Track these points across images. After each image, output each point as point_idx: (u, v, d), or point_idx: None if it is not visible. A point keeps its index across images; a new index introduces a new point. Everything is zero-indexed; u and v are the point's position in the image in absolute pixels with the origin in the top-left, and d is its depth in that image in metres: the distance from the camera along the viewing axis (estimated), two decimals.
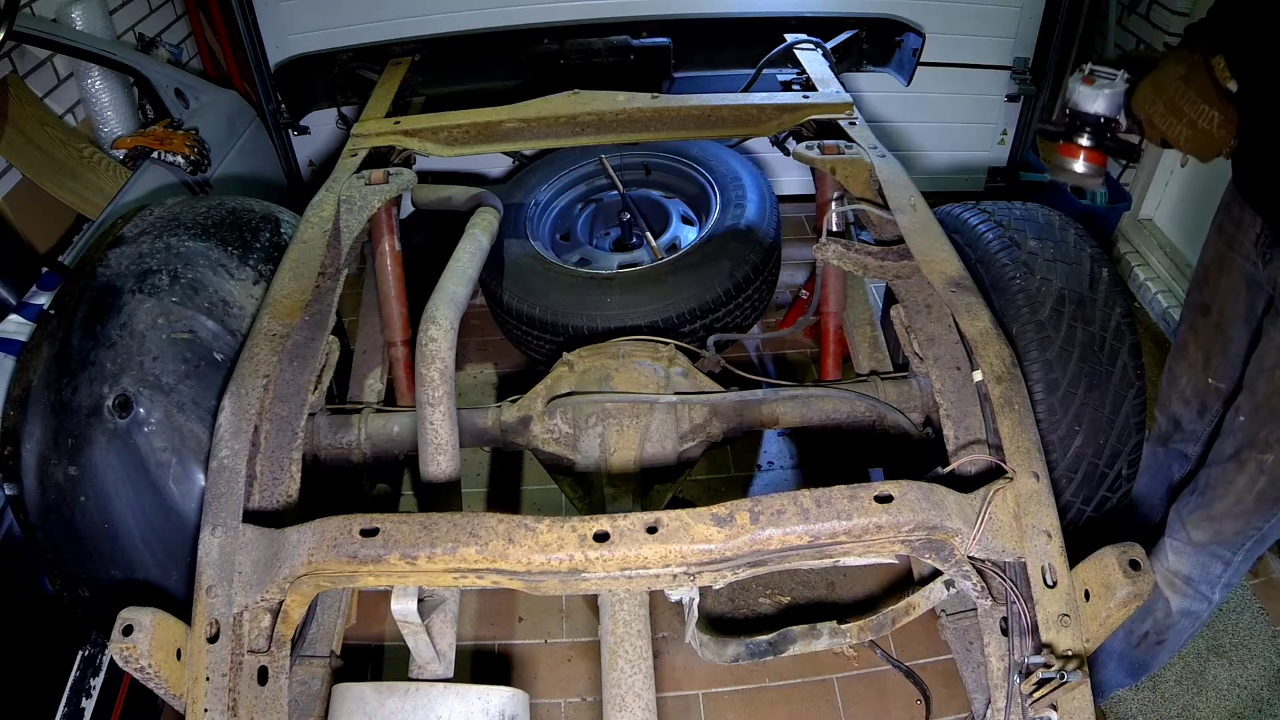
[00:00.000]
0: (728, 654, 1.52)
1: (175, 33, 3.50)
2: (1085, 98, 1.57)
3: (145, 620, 1.14)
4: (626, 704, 1.34)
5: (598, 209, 2.96)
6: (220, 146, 2.84)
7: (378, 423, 1.74)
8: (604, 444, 1.70)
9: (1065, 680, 1.14)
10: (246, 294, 1.64)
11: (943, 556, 1.29)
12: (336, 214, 1.83)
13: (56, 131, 2.61)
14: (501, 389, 2.91)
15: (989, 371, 1.44)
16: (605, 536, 1.22)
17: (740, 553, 1.22)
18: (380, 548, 1.21)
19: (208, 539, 1.28)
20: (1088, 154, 1.61)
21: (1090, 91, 1.56)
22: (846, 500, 1.23)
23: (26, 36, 2.47)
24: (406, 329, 2.02)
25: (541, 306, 2.41)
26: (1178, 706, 1.98)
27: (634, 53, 2.79)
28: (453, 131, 2.22)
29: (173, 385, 1.43)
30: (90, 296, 1.49)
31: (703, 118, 2.25)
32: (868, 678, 2.04)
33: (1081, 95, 1.57)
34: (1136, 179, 3.40)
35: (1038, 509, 1.28)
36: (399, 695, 1.35)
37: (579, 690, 2.04)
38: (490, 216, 2.09)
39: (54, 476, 1.37)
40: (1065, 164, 1.63)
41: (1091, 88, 1.56)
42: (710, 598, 2.17)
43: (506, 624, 2.18)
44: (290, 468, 1.42)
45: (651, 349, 1.84)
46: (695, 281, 2.38)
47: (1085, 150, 1.61)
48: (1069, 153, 1.62)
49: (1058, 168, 1.66)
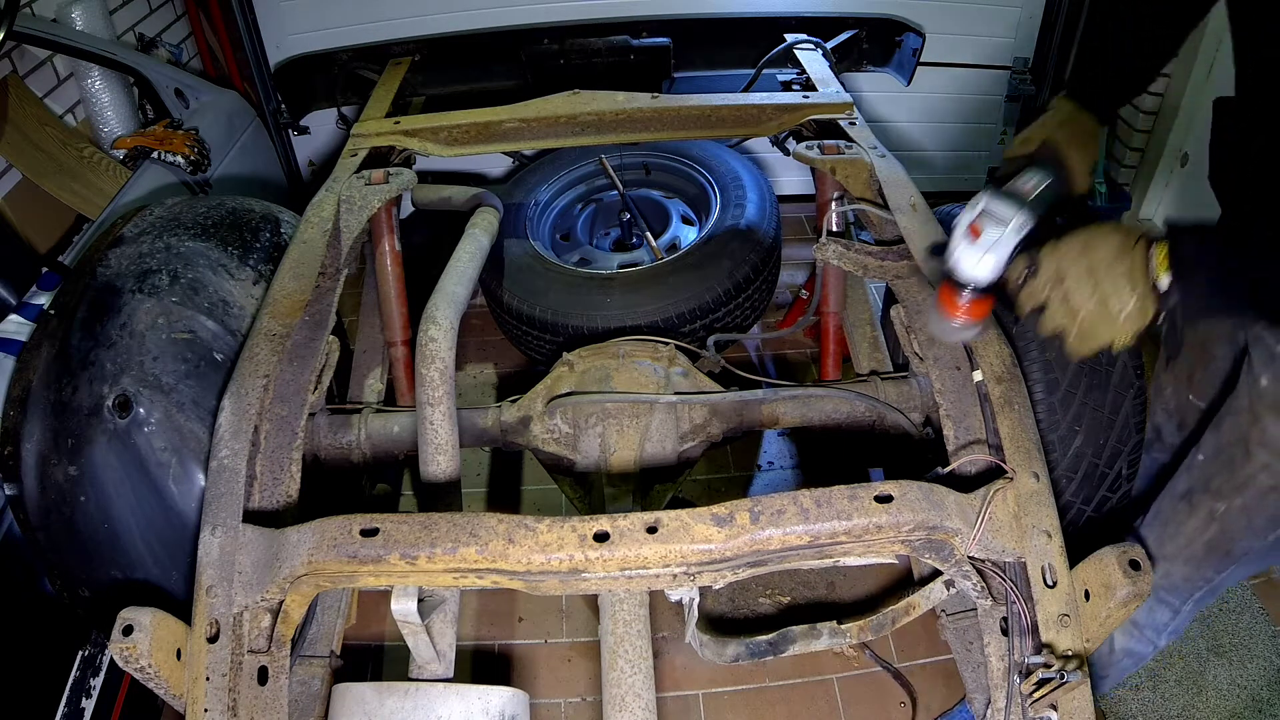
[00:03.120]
0: (728, 654, 1.52)
1: (175, 33, 3.50)
2: (967, 262, 1.19)
3: (145, 620, 1.14)
4: (626, 704, 1.34)
5: (598, 209, 2.96)
6: (220, 146, 2.84)
7: (378, 423, 1.74)
8: (604, 444, 1.70)
9: (1065, 680, 1.14)
10: (246, 294, 1.64)
11: (943, 556, 1.29)
12: (336, 214, 1.83)
13: (56, 131, 2.61)
14: (501, 389, 2.91)
15: (989, 371, 1.44)
16: (605, 536, 1.22)
17: (740, 553, 1.22)
18: (380, 548, 1.21)
19: (208, 539, 1.28)
20: (969, 309, 1.24)
21: (972, 253, 1.18)
22: (846, 500, 1.23)
23: (26, 36, 2.46)
24: (406, 329, 2.02)
25: (541, 306, 2.41)
26: (1178, 706, 1.98)
27: (634, 53, 2.79)
28: (453, 131, 2.22)
29: (173, 385, 1.43)
30: (90, 296, 1.49)
31: (703, 118, 2.25)
32: (868, 678, 2.04)
33: (962, 259, 1.19)
34: (1136, 179, 3.40)
35: (1038, 509, 1.28)
36: (399, 695, 1.35)
37: (579, 690, 2.04)
38: (490, 216, 2.09)
39: (54, 476, 1.37)
40: (940, 318, 1.27)
41: (975, 245, 1.17)
42: (710, 598, 2.17)
43: (506, 624, 2.18)
44: (290, 468, 1.42)
45: (651, 349, 1.84)
46: (695, 281, 2.38)
47: (965, 307, 1.24)
48: (947, 306, 1.25)
49: (934, 320, 1.30)
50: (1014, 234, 1.16)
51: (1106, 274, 1.09)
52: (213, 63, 3.71)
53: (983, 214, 1.17)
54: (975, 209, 1.18)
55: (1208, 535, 1.42)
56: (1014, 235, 1.16)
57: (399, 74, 2.75)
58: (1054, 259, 1.13)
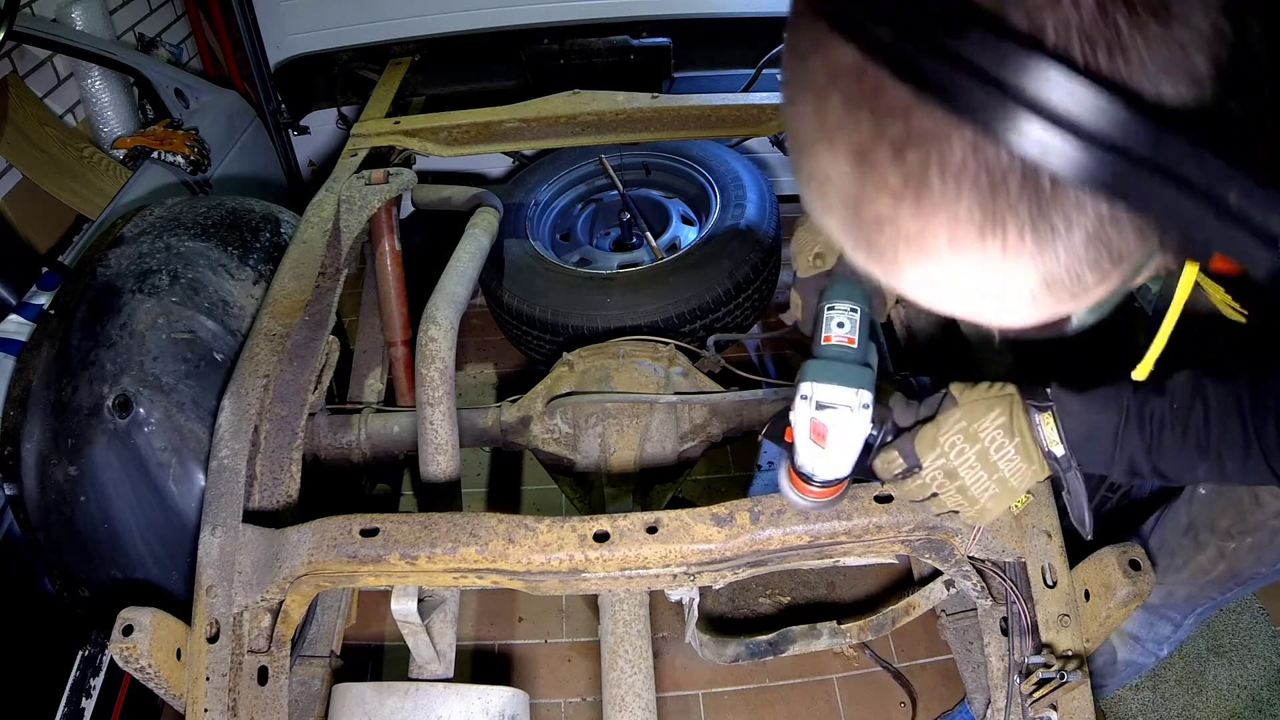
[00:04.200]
0: (728, 654, 1.52)
1: (175, 33, 3.50)
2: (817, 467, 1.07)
3: (145, 620, 1.14)
4: (626, 704, 1.34)
5: (598, 209, 2.96)
6: (220, 146, 2.84)
7: (378, 423, 1.74)
8: (604, 444, 1.70)
9: (1065, 680, 1.14)
10: (246, 294, 1.64)
11: (943, 556, 1.29)
12: (336, 214, 1.83)
13: (56, 131, 2.61)
14: (501, 389, 2.91)
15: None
16: (605, 536, 1.22)
17: (740, 553, 1.22)
18: (380, 548, 1.21)
19: (208, 539, 1.28)
20: (823, 492, 1.12)
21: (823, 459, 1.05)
22: (846, 500, 1.23)
23: (26, 36, 2.47)
24: (406, 329, 2.02)
25: (541, 306, 2.41)
26: (1178, 706, 1.98)
27: (634, 53, 2.79)
28: (453, 131, 2.22)
29: (173, 385, 1.43)
30: (90, 296, 1.49)
31: (703, 118, 2.25)
32: (868, 678, 2.04)
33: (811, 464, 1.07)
34: None
35: (1038, 509, 1.28)
36: (399, 695, 1.35)
37: (579, 690, 2.04)
38: (490, 216, 2.09)
39: (54, 476, 1.37)
40: (794, 495, 1.15)
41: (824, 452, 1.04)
42: (710, 598, 2.17)
43: (506, 624, 2.18)
44: (290, 468, 1.42)
45: (651, 349, 1.84)
46: (695, 281, 2.38)
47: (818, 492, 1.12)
48: (798, 487, 1.13)
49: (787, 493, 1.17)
50: (861, 430, 1.02)
51: (1000, 456, 1.02)
52: (213, 63, 3.71)
53: (821, 409, 1.00)
54: (809, 401, 1.01)
55: (1217, 570, 1.41)
56: (862, 430, 1.02)
57: (399, 74, 2.74)
58: (936, 454, 1.04)
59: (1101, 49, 0.39)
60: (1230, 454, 0.92)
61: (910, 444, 1.07)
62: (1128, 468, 0.99)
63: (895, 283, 0.51)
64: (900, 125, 0.43)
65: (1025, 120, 0.39)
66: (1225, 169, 0.40)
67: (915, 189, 0.44)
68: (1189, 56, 0.40)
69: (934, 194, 0.44)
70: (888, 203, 0.45)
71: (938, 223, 0.44)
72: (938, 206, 0.44)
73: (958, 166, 0.42)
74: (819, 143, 0.47)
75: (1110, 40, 0.39)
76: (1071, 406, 1.01)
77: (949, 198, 0.43)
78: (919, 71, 0.41)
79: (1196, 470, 0.96)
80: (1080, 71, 0.39)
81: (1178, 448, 0.95)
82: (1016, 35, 0.39)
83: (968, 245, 0.45)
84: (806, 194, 0.51)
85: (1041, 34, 0.39)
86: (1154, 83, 0.40)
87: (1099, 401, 1.00)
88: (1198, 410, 0.93)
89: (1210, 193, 0.40)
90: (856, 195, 0.47)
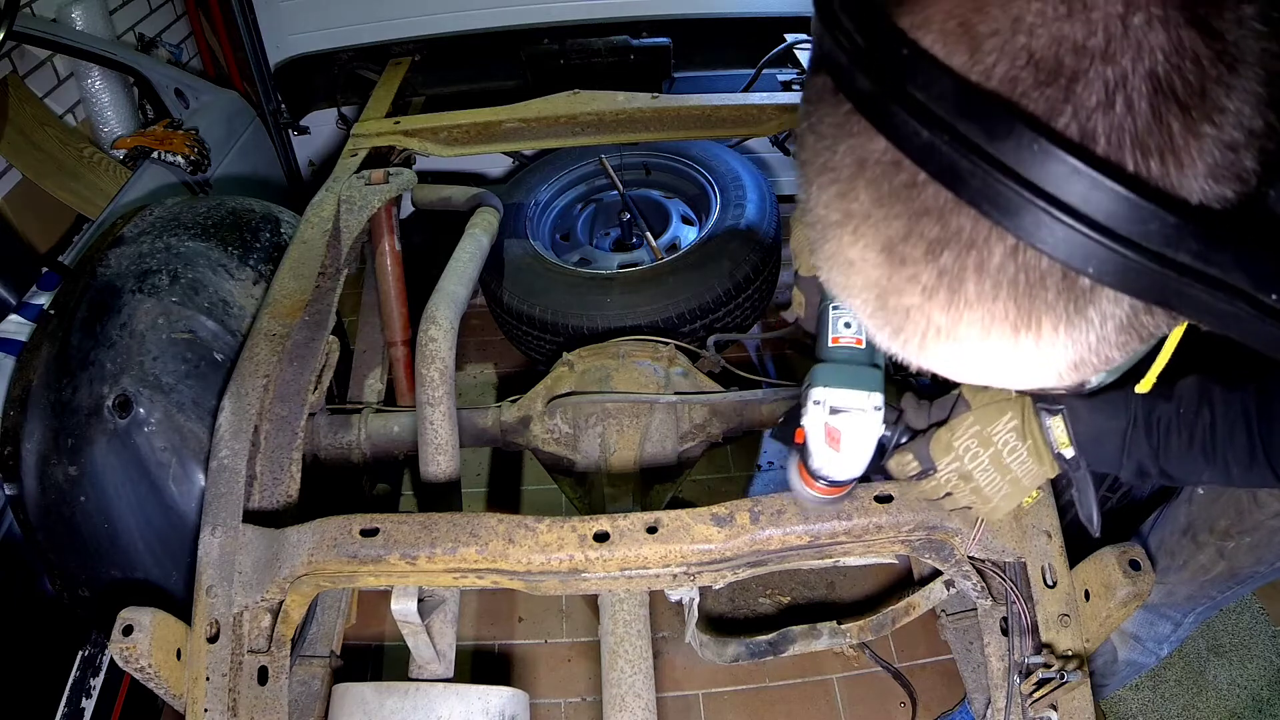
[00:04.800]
0: (728, 654, 1.52)
1: (175, 33, 3.50)
2: (831, 469, 1.08)
3: (145, 620, 1.14)
4: (626, 704, 1.34)
5: (598, 209, 2.96)
6: (220, 146, 2.84)
7: (378, 423, 1.74)
8: (604, 444, 1.70)
9: (1065, 680, 1.14)
10: (246, 294, 1.64)
11: (943, 556, 1.29)
12: (336, 214, 1.83)
13: (56, 131, 2.61)
14: (501, 389, 2.91)
15: None
16: (605, 536, 1.22)
17: (740, 553, 1.22)
18: (380, 548, 1.21)
19: (208, 539, 1.28)
20: (832, 489, 1.14)
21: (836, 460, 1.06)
22: (846, 500, 1.23)
23: (26, 36, 2.47)
24: (406, 329, 2.02)
25: (541, 306, 2.41)
26: (1178, 706, 1.98)
27: (634, 53, 2.79)
28: (453, 131, 2.22)
29: (173, 385, 1.43)
30: (90, 296, 1.49)
31: (703, 118, 2.25)
32: (868, 678, 2.04)
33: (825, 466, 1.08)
34: None
35: (1038, 509, 1.28)
36: (399, 695, 1.35)
37: (579, 690, 2.04)
38: (490, 216, 2.09)
39: (54, 476, 1.37)
40: (803, 491, 1.16)
41: (838, 454, 1.05)
42: (710, 598, 2.17)
43: (506, 624, 2.18)
44: (290, 468, 1.42)
45: (651, 349, 1.84)
46: (695, 281, 2.38)
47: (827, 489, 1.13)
48: (808, 484, 1.14)
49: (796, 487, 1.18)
50: (875, 433, 1.03)
51: (1012, 459, 1.05)
52: (213, 63, 3.71)
53: (835, 414, 1.01)
54: (822, 405, 1.01)
55: (1217, 570, 1.41)
56: (875, 433, 1.03)
57: (399, 74, 2.74)
58: (951, 458, 1.07)
59: (1154, 156, 0.38)
60: (1236, 460, 0.93)
61: (925, 447, 1.09)
62: (1136, 469, 1.01)
63: (918, 363, 0.49)
64: (936, 226, 0.41)
65: (1070, 229, 0.38)
66: (1267, 270, 0.38)
67: (949, 286, 0.43)
68: (1238, 155, 0.39)
69: (969, 293, 0.42)
70: (918, 297, 0.44)
71: (971, 318, 0.43)
72: (973, 305, 0.43)
73: (996, 269, 0.41)
74: (843, 228, 0.45)
75: (1163, 146, 0.38)
76: (1081, 410, 1.02)
77: (985, 298, 0.42)
78: (959, 175, 0.39)
79: (1202, 474, 0.97)
80: (1130, 181, 0.37)
81: (1184, 452, 0.96)
82: (1065, 143, 0.37)
83: (1000, 339, 0.44)
84: (828, 274, 0.49)
85: (1093, 140, 0.38)
86: (1202, 187, 0.39)
87: (1108, 406, 1.01)
88: (1204, 416, 0.94)
89: (1251, 296, 0.39)
90: (884, 286, 0.45)
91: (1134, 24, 0.37)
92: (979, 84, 0.39)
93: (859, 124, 0.42)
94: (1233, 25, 0.38)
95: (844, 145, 0.44)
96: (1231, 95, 0.38)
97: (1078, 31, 0.38)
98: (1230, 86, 0.38)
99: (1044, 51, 0.38)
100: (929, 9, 0.41)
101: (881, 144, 0.41)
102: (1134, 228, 0.37)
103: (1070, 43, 0.38)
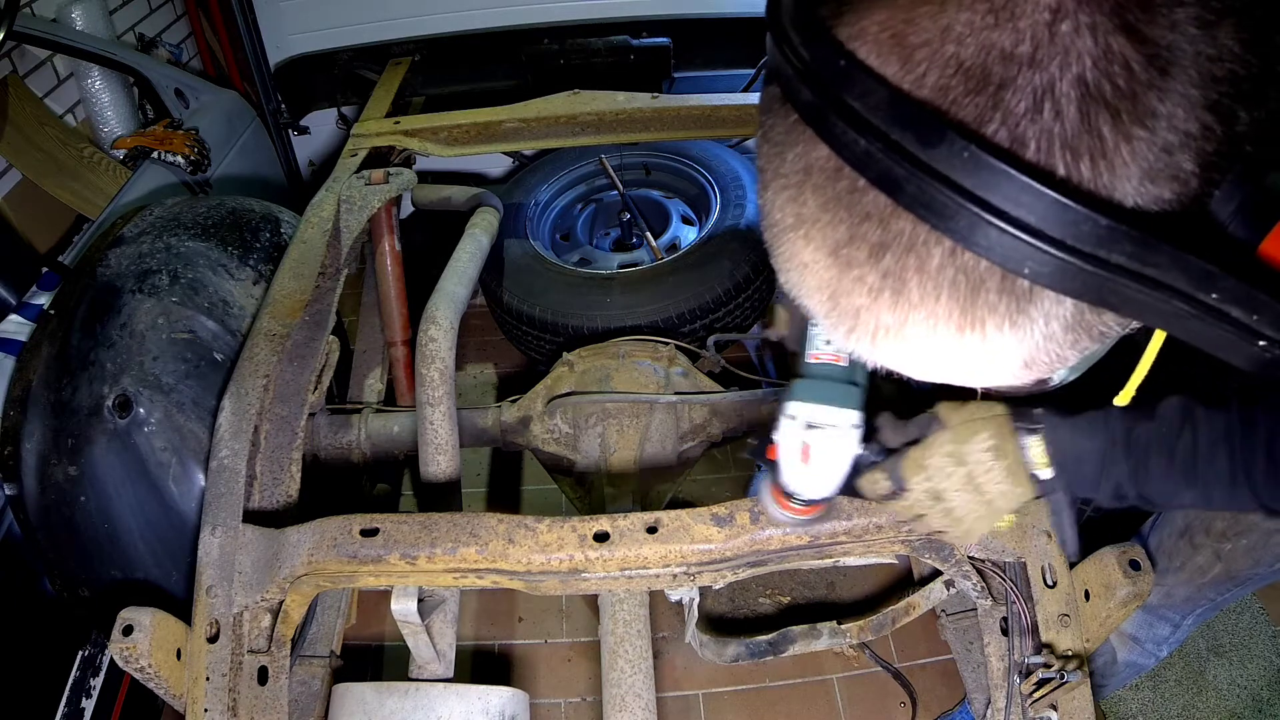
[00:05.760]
0: (728, 654, 1.52)
1: (175, 33, 3.50)
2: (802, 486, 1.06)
3: (145, 620, 1.14)
4: (626, 704, 1.34)
5: (598, 209, 2.96)
6: (220, 146, 2.84)
7: (378, 423, 1.74)
8: (604, 444, 1.70)
9: (1065, 680, 1.14)
10: (246, 294, 1.64)
11: (943, 556, 1.29)
12: (336, 214, 1.83)
13: (56, 131, 2.61)
14: (501, 389, 2.91)
15: None
16: (605, 536, 1.22)
17: (740, 553, 1.22)
18: (380, 548, 1.21)
19: (208, 539, 1.28)
20: (805, 509, 1.13)
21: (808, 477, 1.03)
22: (846, 500, 1.23)
23: (26, 36, 2.47)
24: (406, 329, 2.02)
25: (541, 306, 2.41)
26: (1178, 706, 1.98)
27: (634, 53, 2.79)
28: (453, 131, 2.22)
29: (173, 385, 1.43)
30: (90, 296, 1.49)
31: (703, 118, 2.25)
32: (868, 678, 2.04)
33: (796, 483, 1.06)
34: None
35: (1038, 509, 1.28)
36: (399, 695, 1.35)
37: (579, 690, 2.04)
38: (490, 216, 2.09)
39: (54, 476, 1.37)
40: (775, 510, 1.15)
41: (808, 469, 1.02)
42: (710, 598, 2.17)
43: (506, 624, 2.18)
44: (290, 468, 1.42)
45: (651, 349, 1.84)
46: (695, 281, 2.38)
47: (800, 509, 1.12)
48: (780, 503, 1.13)
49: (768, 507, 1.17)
50: (850, 451, 1.00)
51: (987, 479, 1.00)
52: (213, 63, 3.71)
53: (810, 429, 0.98)
54: (797, 421, 0.99)
55: (1214, 571, 1.41)
56: (851, 451, 1.00)
57: (399, 74, 2.74)
58: (922, 477, 1.03)
59: (1085, 160, 0.39)
60: (1217, 483, 0.91)
61: (897, 466, 1.06)
62: (1113, 492, 0.98)
63: (874, 360, 0.50)
64: (878, 229, 0.43)
65: (1004, 233, 0.39)
66: (1204, 269, 0.39)
67: (893, 287, 0.44)
68: (1174, 157, 0.39)
69: (913, 294, 0.44)
70: (865, 298, 0.45)
71: (917, 318, 0.44)
72: (917, 305, 0.44)
73: (935, 270, 0.42)
74: (795, 231, 0.47)
75: (1094, 149, 0.39)
76: (1060, 429, 0.99)
77: (928, 298, 0.43)
78: (895, 181, 0.40)
79: (1183, 497, 0.94)
80: (1061, 185, 0.38)
81: (1164, 474, 0.94)
82: (994, 149, 0.38)
83: (946, 338, 0.45)
84: (785, 276, 0.50)
85: (1022, 146, 0.39)
86: (1137, 189, 0.39)
87: (1087, 425, 0.99)
88: (1186, 438, 0.92)
89: (1190, 295, 0.40)
90: (834, 287, 0.46)
91: (1061, 31, 0.38)
92: (910, 93, 0.40)
93: (805, 132, 0.44)
94: (1165, 30, 0.38)
95: (792, 152, 0.45)
96: (1165, 99, 0.38)
97: (1005, 40, 0.38)
98: (1163, 90, 0.38)
99: (973, 60, 0.39)
100: (865, 21, 0.42)
101: (825, 151, 0.43)
102: (1066, 230, 0.38)
103: (998, 51, 0.39)
